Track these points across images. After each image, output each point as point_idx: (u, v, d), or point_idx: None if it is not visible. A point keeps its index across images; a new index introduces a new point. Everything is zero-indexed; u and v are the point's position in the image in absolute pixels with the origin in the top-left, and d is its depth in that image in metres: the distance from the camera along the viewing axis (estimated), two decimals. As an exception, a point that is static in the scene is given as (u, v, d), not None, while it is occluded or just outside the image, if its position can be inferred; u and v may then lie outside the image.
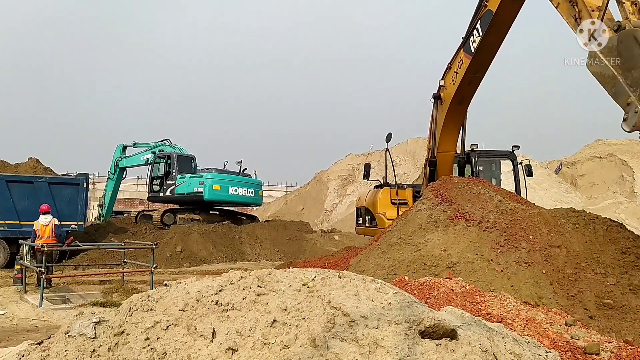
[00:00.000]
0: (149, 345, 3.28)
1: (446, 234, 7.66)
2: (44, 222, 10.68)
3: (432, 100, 11.20)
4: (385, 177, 12.86)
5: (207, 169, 20.37)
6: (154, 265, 10.35)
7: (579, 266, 6.73)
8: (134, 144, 22.13)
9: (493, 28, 9.09)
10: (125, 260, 11.86)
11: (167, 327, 3.38)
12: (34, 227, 10.81)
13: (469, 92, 10.52)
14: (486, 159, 12.65)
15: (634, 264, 6.66)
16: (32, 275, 10.72)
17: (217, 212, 21.20)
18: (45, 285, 9.21)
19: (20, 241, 11.38)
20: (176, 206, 20.78)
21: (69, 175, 18.26)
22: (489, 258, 6.92)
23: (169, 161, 20.24)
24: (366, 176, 13.64)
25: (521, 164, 12.57)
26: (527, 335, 4.47)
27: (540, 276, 6.51)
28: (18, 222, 14.01)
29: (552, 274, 6.57)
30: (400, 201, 11.96)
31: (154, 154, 20.95)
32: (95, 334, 3.44)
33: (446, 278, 6.29)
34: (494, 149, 13.17)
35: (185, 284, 3.85)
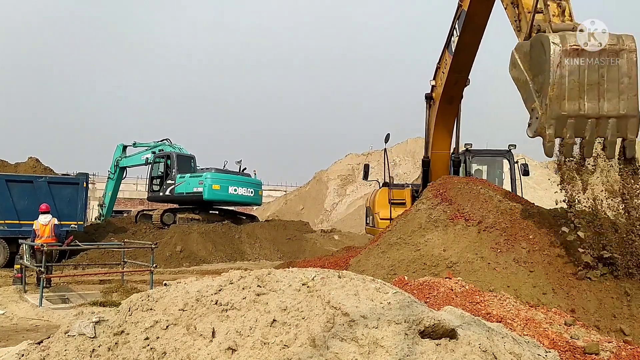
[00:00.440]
0: (148, 345, 3.28)
1: (446, 233, 7.66)
2: (44, 222, 10.68)
3: (425, 100, 11.24)
4: (384, 177, 12.89)
5: (207, 168, 20.38)
6: (154, 265, 10.36)
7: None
8: (134, 144, 22.14)
9: (468, 27, 9.13)
10: (125, 260, 11.86)
11: (167, 326, 3.38)
12: (33, 227, 10.81)
13: (456, 92, 10.54)
14: (481, 158, 12.59)
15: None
16: (31, 275, 10.72)
17: (217, 212, 21.21)
18: (45, 285, 9.21)
19: (20, 241, 11.39)
20: (176, 206, 20.78)
21: (69, 175, 18.27)
22: (488, 258, 6.92)
23: (168, 161, 20.26)
24: (365, 176, 13.67)
25: (517, 163, 12.55)
26: (527, 335, 4.47)
27: (540, 276, 6.51)
28: (18, 222, 14.01)
29: (552, 274, 6.57)
30: (398, 201, 12.01)
31: (153, 153, 20.96)
32: (95, 333, 3.44)
33: (446, 278, 6.29)
34: (490, 149, 13.16)
35: (185, 283, 3.85)
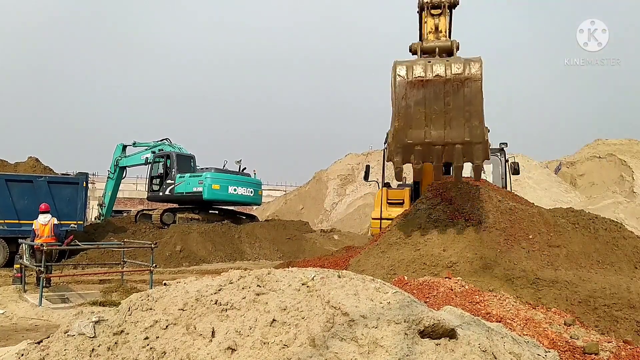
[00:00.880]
0: (148, 345, 3.28)
1: (445, 233, 7.66)
2: (43, 222, 10.67)
3: None
4: (384, 178, 12.91)
5: (207, 168, 20.37)
6: (154, 265, 10.35)
7: (578, 266, 6.74)
8: (133, 144, 22.13)
9: None
10: (125, 260, 11.86)
11: (167, 326, 3.38)
12: (33, 227, 10.81)
13: None
14: None
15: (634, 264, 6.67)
16: (31, 275, 10.72)
17: (217, 212, 21.20)
18: (44, 285, 9.21)
19: (20, 240, 11.39)
20: (175, 205, 20.77)
21: (69, 175, 18.26)
22: (488, 258, 6.92)
23: (168, 160, 20.24)
24: (366, 177, 13.66)
25: (507, 161, 12.49)
26: (526, 335, 4.47)
27: (539, 276, 6.51)
28: (17, 222, 13.99)
29: (551, 274, 6.58)
30: (396, 201, 12.05)
31: (153, 153, 20.95)
32: (95, 333, 3.44)
33: (445, 278, 6.30)
34: None
35: (185, 283, 3.85)
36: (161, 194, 20.32)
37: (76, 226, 14.83)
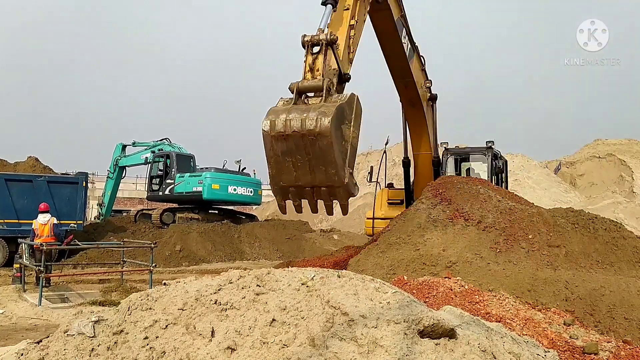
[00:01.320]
0: (148, 345, 3.28)
1: (445, 233, 7.67)
2: (43, 221, 10.66)
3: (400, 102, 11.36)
4: (385, 179, 12.96)
5: (206, 168, 20.36)
6: (153, 265, 10.34)
7: (578, 266, 6.74)
8: (133, 143, 22.11)
9: (379, 37, 9.36)
10: (125, 259, 11.85)
11: (166, 326, 3.38)
12: (32, 226, 10.80)
13: (412, 95, 10.70)
14: (459, 156, 12.50)
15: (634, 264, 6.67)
16: (31, 274, 10.71)
17: (216, 211, 21.18)
18: (44, 284, 9.20)
19: (19, 240, 11.38)
20: (175, 205, 20.76)
21: (68, 174, 18.23)
22: (488, 258, 6.93)
23: (168, 160, 20.22)
24: (370, 178, 13.70)
25: (495, 159, 12.44)
26: (526, 334, 4.47)
27: (539, 276, 6.52)
28: (17, 221, 13.99)
29: (550, 273, 6.58)
30: (396, 201, 12.17)
31: (153, 153, 20.93)
32: (94, 333, 3.44)
33: (445, 277, 6.30)
34: (469, 146, 12.99)
35: (184, 283, 3.85)
36: (161, 193, 20.30)
37: (76, 226, 14.82)
